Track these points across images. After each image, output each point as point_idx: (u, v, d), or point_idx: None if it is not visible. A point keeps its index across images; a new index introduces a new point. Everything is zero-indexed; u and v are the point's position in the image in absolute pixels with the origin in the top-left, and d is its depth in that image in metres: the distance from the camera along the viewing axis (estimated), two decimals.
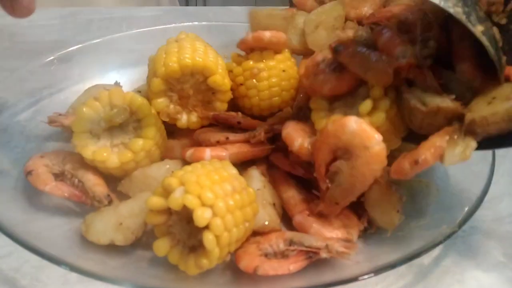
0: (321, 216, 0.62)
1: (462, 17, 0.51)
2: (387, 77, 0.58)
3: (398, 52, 0.58)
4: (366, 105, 0.59)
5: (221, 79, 0.72)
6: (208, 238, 0.51)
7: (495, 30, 0.54)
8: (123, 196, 0.66)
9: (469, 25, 0.51)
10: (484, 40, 0.51)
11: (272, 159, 0.71)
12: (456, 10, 0.52)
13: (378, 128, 0.60)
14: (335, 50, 0.63)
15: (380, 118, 0.59)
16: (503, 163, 0.70)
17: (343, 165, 0.57)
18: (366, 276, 0.52)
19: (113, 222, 0.59)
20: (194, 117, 0.74)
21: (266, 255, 0.57)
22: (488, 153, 0.65)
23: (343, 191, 0.58)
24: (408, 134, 0.62)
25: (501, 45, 0.54)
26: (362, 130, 0.56)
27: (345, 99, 0.64)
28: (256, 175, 0.66)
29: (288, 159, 0.69)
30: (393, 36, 0.60)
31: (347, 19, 0.77)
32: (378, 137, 0.56)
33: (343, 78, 0.63)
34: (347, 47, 0.62)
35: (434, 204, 0.64)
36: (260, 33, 0.75)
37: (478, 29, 0.52)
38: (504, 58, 0.54)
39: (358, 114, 0.60)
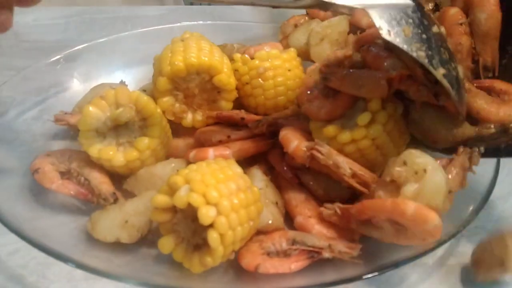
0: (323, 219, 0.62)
1: (425, 61, 0.53)
2: (382, 88, 0.58)
3: (387, 65, 0.59)
4: (364, 117, 0.60)
5: (226, 78, 0.72)
6: (213, 237, 0.52)
7: (460, 68, 0.56)
8: (129, 194, 0.66)
9: (431, 68, 0.53)
10: (445, 82, 0.53)
11: (269, 157, 0.71)
12: (419, 54, 0.53)
13: (374, 140, 0.61)
14: (324, 78, 0.64)
15: (377, 131, 0.60)
16: (508, 163, 0.70)
17: (389, 229, 0.55)
18: (370, 275, 0.53)
19: (118, 220, 0.59)
20: (199, 116, 0.74)
21: (268, 253, 0.57)
22: None
23: (375, 237, 0.57)
24: None
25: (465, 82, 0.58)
26: (421, 215, 0.52)
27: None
28: (258, 175, 0.67)
29: (284, 159, 0.68)
30: (380, 51, 0.61)
31: (358, 27, 0.78)
32: (435, 217, 0.52)
33: (337, 102, 0.63)
34: (335, 72, 0.63)
35: None
36: (261, 48, 0.78)
37: (439, 72, 0.53)
38: (465, 96, 0.57)
39: (356, 126, 0.61)
